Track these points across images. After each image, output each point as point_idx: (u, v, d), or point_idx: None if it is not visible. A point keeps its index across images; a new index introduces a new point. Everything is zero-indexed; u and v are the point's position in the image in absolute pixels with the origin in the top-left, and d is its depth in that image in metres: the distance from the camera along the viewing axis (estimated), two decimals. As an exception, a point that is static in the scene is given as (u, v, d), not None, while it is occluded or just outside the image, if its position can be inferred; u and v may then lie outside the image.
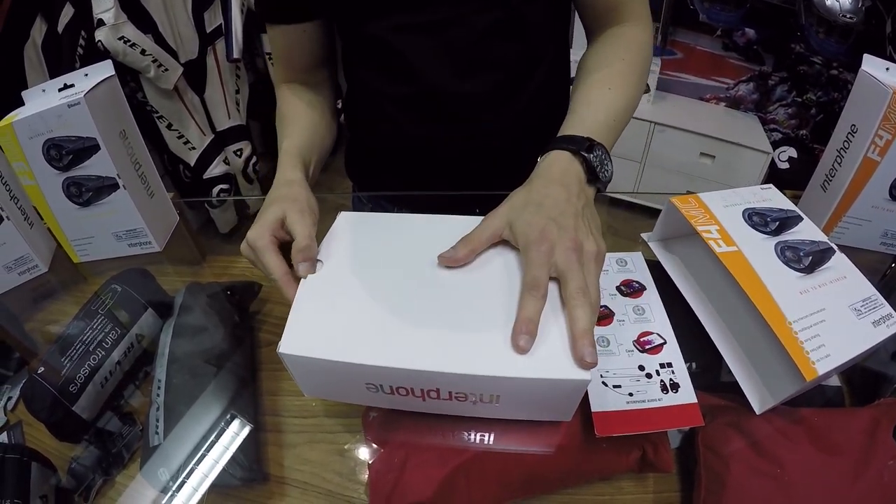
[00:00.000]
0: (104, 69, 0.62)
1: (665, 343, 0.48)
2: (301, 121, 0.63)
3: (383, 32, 0.60)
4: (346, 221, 0.52)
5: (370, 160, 0.77)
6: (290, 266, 0.46)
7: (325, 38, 0.65)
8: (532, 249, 0.41)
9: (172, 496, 0.45)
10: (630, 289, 0.53)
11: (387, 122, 0.68)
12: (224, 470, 0.46)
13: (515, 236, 0.43)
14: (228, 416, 0.50)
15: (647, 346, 0.48)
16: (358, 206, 0.81)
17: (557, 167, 0.47)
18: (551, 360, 0.38)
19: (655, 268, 0.56)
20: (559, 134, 0.51)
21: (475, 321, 0.41)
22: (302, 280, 0.45)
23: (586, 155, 0.47)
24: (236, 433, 0.49)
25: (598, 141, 0.49)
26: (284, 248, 0.48)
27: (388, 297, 0.43)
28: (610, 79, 0.56)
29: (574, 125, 0.51)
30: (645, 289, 0.53)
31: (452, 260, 0.44)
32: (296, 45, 0.64)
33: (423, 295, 0.43)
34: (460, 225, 0.48)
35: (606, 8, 0.60)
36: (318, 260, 0.46)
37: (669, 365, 0.46)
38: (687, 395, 0.44)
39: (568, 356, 0.38)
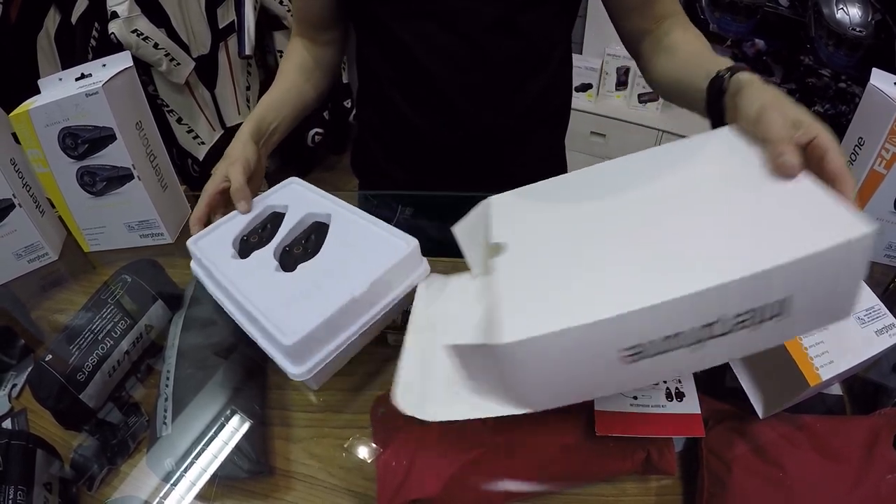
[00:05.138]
0: (122, 60, 0.63)
1: None
2: (281, 83, 0.71)
3: (390, 17, 0.61)
4: (503, 204, 0.49)
5: (376, 152, 0.78)
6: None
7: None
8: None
9: (178, 487, 0.45)
10: None
11: (392, 110, 0.69)
12: (230, 462, 0.46)
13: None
14: (235, 409, 0.50)
15: (659, 353, 0.48)
16: (363, 205, 0.82)
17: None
18: (824, 228, 0.31)
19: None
20: (715, 74, 0.55)
21: (703, 237, 0.34)
22: (496, 270, 0.40)
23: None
24: (243, 426, 0.49)
25: None
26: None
27: (595, 252, 0.37)
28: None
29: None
30: None
31: (795, 167, 0.38)
32: (312, 1, 0.68)
33: (626, 237, 0.37)
34: (614, 167, 0.46)
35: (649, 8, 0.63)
36: (497, 244, 0.43)
37: None
38: (691, 405, 0.45)
39: (835, 221, 0.31)
